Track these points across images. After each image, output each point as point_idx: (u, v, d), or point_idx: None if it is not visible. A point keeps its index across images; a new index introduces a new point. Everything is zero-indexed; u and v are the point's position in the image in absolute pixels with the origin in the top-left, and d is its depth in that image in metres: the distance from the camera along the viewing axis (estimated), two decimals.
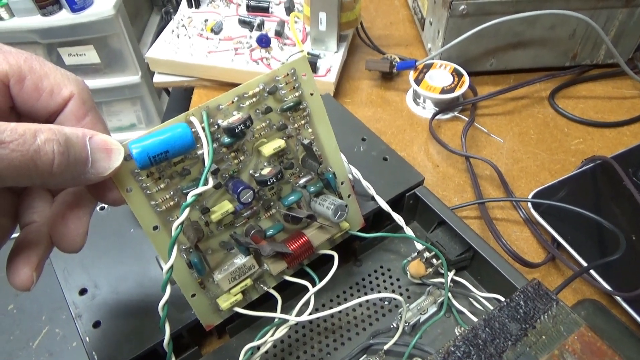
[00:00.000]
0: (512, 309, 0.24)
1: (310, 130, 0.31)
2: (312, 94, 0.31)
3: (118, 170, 0.23)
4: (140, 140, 0.24)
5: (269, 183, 0.29)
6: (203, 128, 0.26)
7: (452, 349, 0.23)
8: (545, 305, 0.24)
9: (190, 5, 0.67)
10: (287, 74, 0.29)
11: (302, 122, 0.31)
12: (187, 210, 0.25)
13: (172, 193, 0.27)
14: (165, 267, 0.25)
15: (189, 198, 0.25)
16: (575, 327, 0.23)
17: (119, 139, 0.23)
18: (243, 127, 0.27)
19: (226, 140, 0.27)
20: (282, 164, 0.31)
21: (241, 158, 0.29)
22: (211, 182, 0.26)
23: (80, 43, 1.00)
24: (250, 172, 0.30)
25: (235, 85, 0.60)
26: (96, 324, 0.32)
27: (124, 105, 1.15)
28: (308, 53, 0.58)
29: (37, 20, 0.94)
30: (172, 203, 0.27)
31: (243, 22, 0.62)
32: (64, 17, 0.94)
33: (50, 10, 0.93)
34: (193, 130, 0.25)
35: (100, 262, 0.35)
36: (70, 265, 0.35)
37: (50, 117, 0.23)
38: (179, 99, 0.68)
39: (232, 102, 0.27)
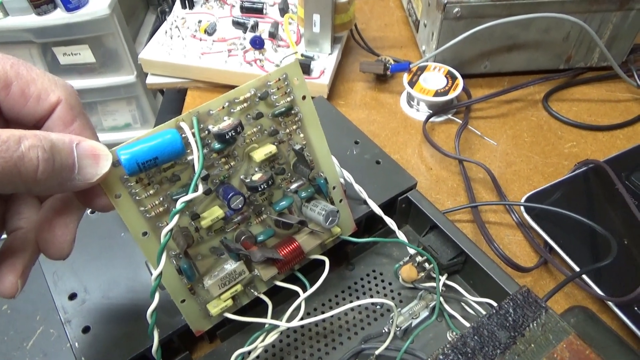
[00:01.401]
0: (501, 316, 0.24)
1: (301, 135, 0.31)
2: (304, 99, 0.30)
3: (106, 176, 0.22)
4: (129, 146, 0.23)
5: (259, 189, 0.29)
6: (193, 134, 0.26)
7: (441, 357, 0.23)
8: (534, 313, 0.24)
9: (184, 6, 0.66)
10: (279, 79, 0.29)
11: (294, 127, 0.31)
12: (176, 217, 0.25)
13: (161, 199, 0.26)
14: (154, 274, 0.25)
15: (178, 205, 0.25)
16: (564, 335, 0.23)
17: (115, 138, 0.22)
18: (233, 133, 0.27)
19: (216, 145, 0.27)
20: (273, 170, 0.30)
21: (232, 163, 0.29)
22: (201, 189, 0.26)
23: (75, 42, 0.99)
24: (241, 177, 0.29)
25: (228, 86, 0.60)
26: (86, 329, 0.31)
27: (119, 104, 1.15)
28: (302, 55, 0.58)
29: (32, 20, 0.93)
30: (161, 209, 0.27)
31: (237, 24, 0.62)
32: (58, 17, 0.93)
33: (45, 9, 0.92)
34: (183, 135, 0.25)
35: (90, 267, 0.35)
36: (60, 269, 0.34)
37: (37, 123, 0.22)
38: (172, 99, 0.68)
39: (223, 107, 0.27)
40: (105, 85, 1.08)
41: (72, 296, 0.33)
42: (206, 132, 0.27)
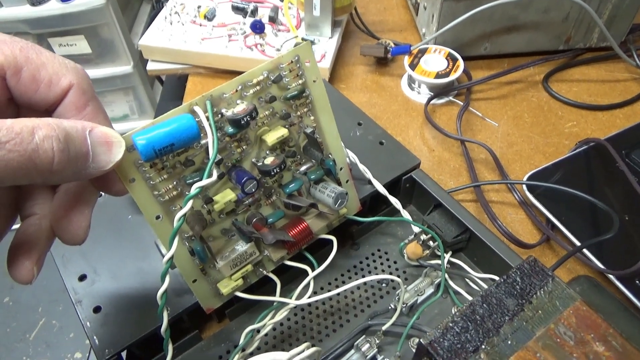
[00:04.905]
0: (508, 285, 0.25)
1: (312, 117, 0.31)
2: (315, 81, 0.30)
3: (120, 163, 0.22)
4: (145, 132, 0.23)
5: (272, 173, 0.29)
6: (207, 118, 0.25)
7: (451, 324, 0.23)
8: (541, 281, 0.25)
9: None
10: (291, 61, 0.29)
11: (305, 109, 0.30)
12: (189, 203, 0.25)
13: (175, 183, 0.26)
14: (165, 257, 0.25)
15: (193, 191, 0.25)
16: (570, 301, 0.24)
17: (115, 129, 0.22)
18: (249, 119, 0.26)
19: (230, 130, 0.27)
20: (284, 152, 0.31)
21: (244, 147, 0.29)
22: (215, 175, 0.25)
23: (70, 33, 0.99)
24: (253, 160, 0.29)
25: (230, 71, 0.60)
26: (96, 309, 0.32)
27: (116, 95, 1.14)
28: (302, 39, 0.58)
29: (27, 10, 0.92)
30: (175, 193, 0.27)
31: (236, 9, 0.62)
32: (53, 7, 0.93)
33: None
34: (197, 120, 0.25)
35: (99, 249, 0.35)
36: (69, 252, 0.35)
37: (49, 108, 0.22)
38: (173, 87, 0.68)
39: (236, 90, 0.27)
40: (102, 76, 1.08)
41: (82, 277, 0.33)
42: (219, 115, 0.27)
